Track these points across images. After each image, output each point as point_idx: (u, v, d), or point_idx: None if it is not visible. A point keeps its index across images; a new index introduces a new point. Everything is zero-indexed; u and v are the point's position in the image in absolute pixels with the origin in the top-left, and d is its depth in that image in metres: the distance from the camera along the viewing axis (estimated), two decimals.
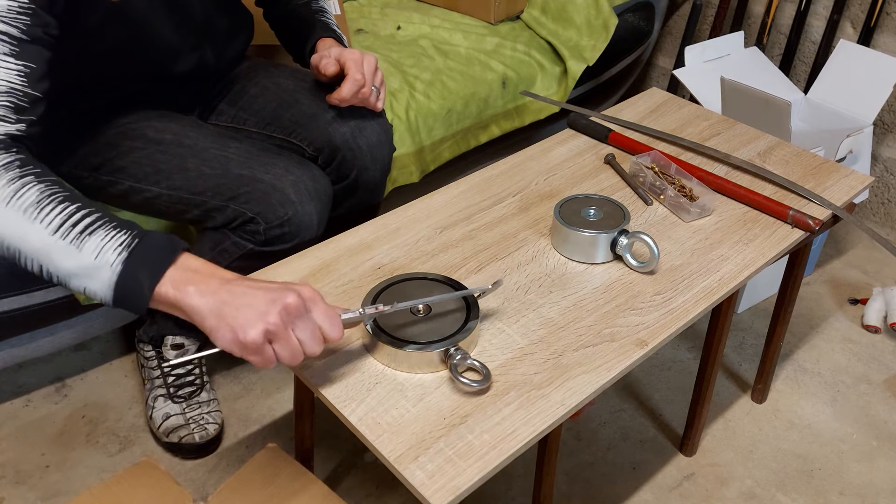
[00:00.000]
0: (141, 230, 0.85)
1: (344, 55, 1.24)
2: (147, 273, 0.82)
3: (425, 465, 0.79)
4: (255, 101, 1.37)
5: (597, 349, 0.93)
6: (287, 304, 0.79)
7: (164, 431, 1.40)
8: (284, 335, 0.79)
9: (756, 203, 1.17)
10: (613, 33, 1.97)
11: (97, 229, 0.83)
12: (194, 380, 1.44)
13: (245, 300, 0.79)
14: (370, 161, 1.34)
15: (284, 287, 0.81)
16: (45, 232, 0.83)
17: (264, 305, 0.79)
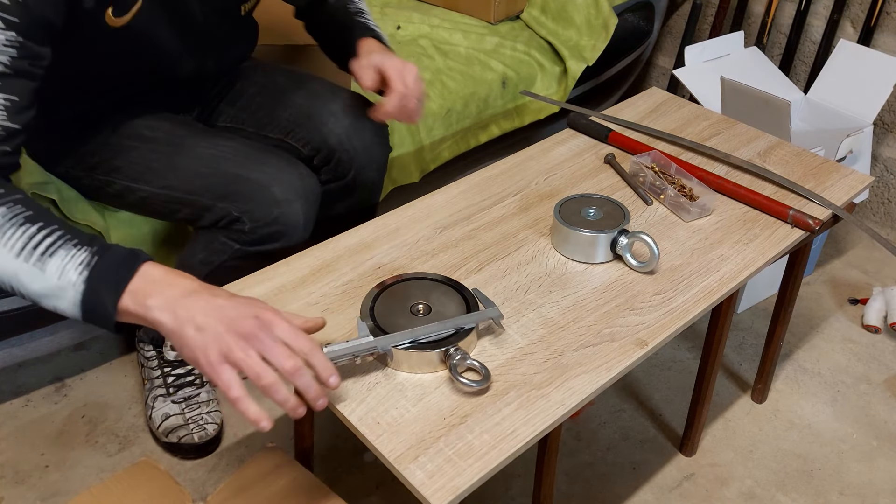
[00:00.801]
0: (102, 245, 0.85)
1: (385, 64, 1.19)
2: (108, 289, 0.82)
3: (425, 464, 0.79)
4: (253, 101, 1.37)
5: (597, 349, 0.93)
6: (242, 328, 0.78)
7: (164, 431, 1.40)
8: (243, 356, 0.77)
9: (756, 203, 1.17)
10: (613, 33, 1.97)
11: (58, 249, 0.83)
12: (193, 380, 1.44)
13: (202, 320, 0.79)
14: (366, 161, 1.33)
15: (243, 307, 0.80)
16: (10, 256, 0.83)
17: (219, 326, 0.78)
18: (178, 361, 1.44)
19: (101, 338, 1.64)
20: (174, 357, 1.43)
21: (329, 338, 0.93)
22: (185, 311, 0.79)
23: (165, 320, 0.80)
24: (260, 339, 0.78)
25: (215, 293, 0.82)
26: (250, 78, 1.40)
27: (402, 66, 1.18)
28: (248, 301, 0.81)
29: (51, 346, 1.43)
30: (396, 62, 1.19)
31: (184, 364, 1.44)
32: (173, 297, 0.80)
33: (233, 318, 0.78)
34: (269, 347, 0.78)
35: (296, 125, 1.33)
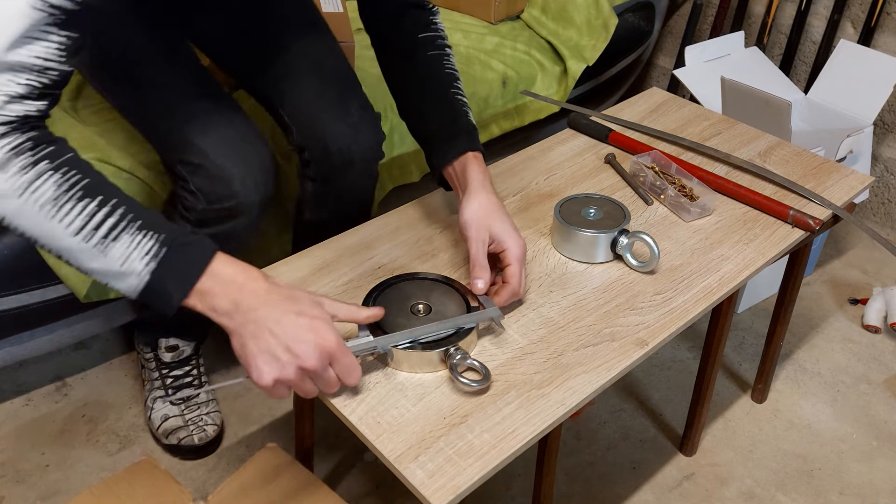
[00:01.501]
0: (169, 232, 0.80)
1: (506, 242, 0.98)
2: (175, 285, 0.79)
3: (425, 464, 0.79)
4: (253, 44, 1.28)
5: (597, 349, 0.93)
6: (306, 363, 0.79)
7: (164, 433, 1.40)
8: (299, 383, 0.81)
9: (756, 203, 1.17)
10: (613, 33, 1.97)
11: (122, 234, 0.78)
12: (192, 381, 1.44)
13: (266, 342, 0.79)
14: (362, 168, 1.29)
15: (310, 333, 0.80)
16: (66, 233, 0.77)
17: (284, 356, 0.79)
18: (175, 363, 1.44)
19: (102, 337, 1.64)
20: (170, 359, 1.43)
21: None
22: (253, 325, 0.79)
23: (231, 328, 0.80)
24: (318, 376, 0.81)
25: (285, 308, 0.80)
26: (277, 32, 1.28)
27: (522, 251, 0.99)
28: (315, 325, 0.80)
29: (51, 345, 1.43)
30: (517, 243, 0.99)
31: (181, 365, 1.44)
32: (242, 306, 0.79)
33: (300, 353, 0.79)
34: (325, 383, 0.82)
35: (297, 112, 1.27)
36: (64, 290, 1.37)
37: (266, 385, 0.79)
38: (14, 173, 0.74)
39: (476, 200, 1.00)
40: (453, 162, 1.05)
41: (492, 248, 0.99)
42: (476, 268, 0.97)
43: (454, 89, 1.10)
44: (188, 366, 1.44)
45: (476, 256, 0.98)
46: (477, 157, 1.05)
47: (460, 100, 1.10)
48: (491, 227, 0.99)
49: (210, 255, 0.80)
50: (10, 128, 0.74)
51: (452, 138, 1.06)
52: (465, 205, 1.00)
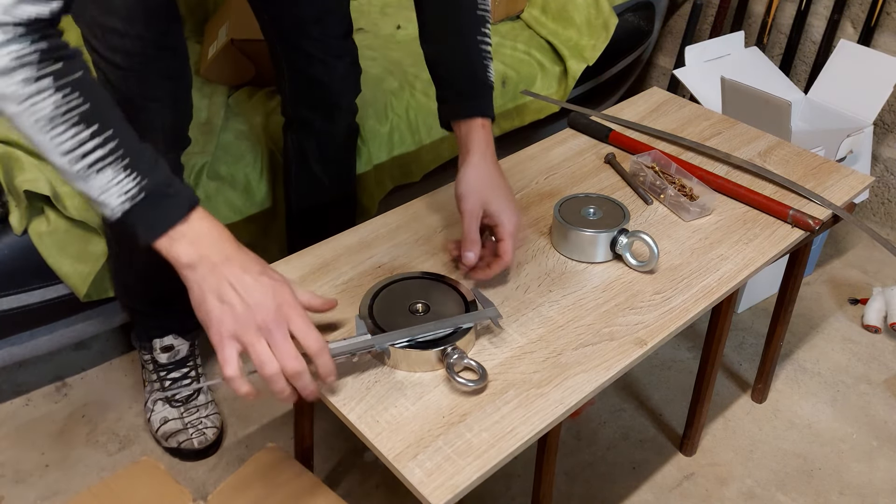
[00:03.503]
0: (153, 178, 0.79)
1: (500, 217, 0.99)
2: (144, 230, 0.80)
3: (424, 463, 0.79)
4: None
5: (596, 348, 0.93)
6: (260, 317, 0.79)
7: (163, 436, 1.40)
8: (253, 342, 0.80)
9: (756, 203, 1.17)
10: (613, 33, 1.97)
11: (106, 168, 0.77)
12: (190, 383, 1.44)
13: (225, 294, 0.80)
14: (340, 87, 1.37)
15: (269, 293, 0.81)
16: (55, 151, 0.77)
17: (241, 308, 0.79)
18: (172, 364, 1.43)
19: (101, 337, 1.64)
20: (167, 360, 1.43)
21: (328, 336, 0.93)
22: (214, 278, 0.80)
23: (192, 280, 0.81)
24: (273, 334, 0.80)
25: (247, 267, 0.82)
26: None
27: (515, 224, 1.00)
28: (276, 286, 0.82)
29: (51, 345, 1.43)
30: (512, 217, 1.00)
31: (179, 367, 1.43)
32: (206, 260, 0.80)
33: (255, 304, 0.79)
34: (279, 344, 0.80)
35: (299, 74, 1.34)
36: (64, 290, 1.37)
37: (220, 340, 0.79)
38: (17, 81, 0.74)
39: (474, 171, 1.01)
40: (460, 122, 1.04)
41: (486, 221, 1.00)
42: (466, 241, 0.99)
43: (481, 35, 1.07)
44: (185, 367, 1.44)
45: (468, 231, 0.99)
46: (485, 124, 1.04)
47: (483, 49, 1.07)
48: (486, 201, 1.00)
49: (186, 211, 0.81)
50: (18, 33, 0.72)
51: (464, 98, 1.05)
52: (463, 175, 1.01)
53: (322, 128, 1.40)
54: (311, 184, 1.46)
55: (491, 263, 1.00)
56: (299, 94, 1.37)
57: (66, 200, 1.32)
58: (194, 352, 1.47)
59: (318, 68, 1.32)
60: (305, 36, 1.29)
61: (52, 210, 1.33)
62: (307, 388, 0.82)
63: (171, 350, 1.43)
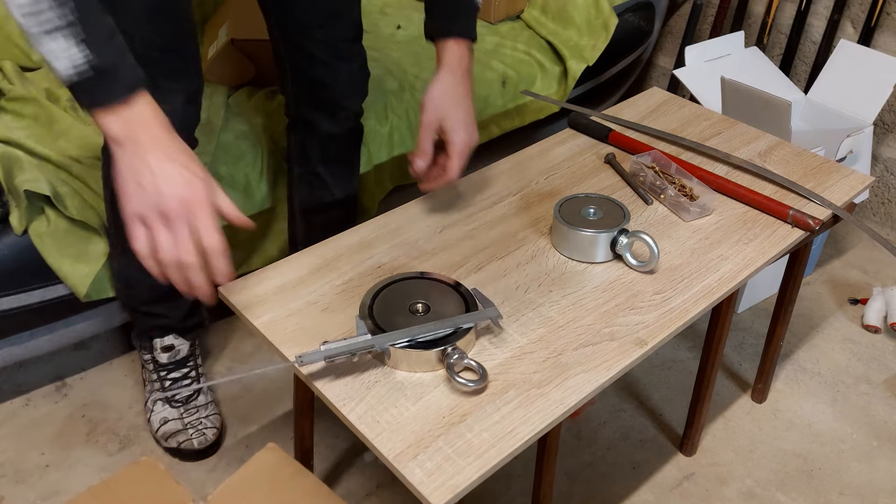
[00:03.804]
0: (103, 54, 0.81)
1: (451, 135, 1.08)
2: (86, 99, 0.82)
3: (424, 463, 0.79)
4: None
5: (596, 348, 0.93)
6: (166, 206, 0.83)
7: (163, 436, 1.40)
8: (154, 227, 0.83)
9: (756, 203, 1.17)
10: (613, 33, 1.97)
11: (59, 36, 0.79)
12: (190, 383, 1.43)
13: (142, 175, 0.83)
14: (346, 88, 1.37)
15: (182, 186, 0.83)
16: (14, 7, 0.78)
17: (150, 190, 0.83)
18: (172, 364, 1.43)
19: (101, 337, 1.64)
20: (167, 360, 1.43)
21: (328, 336, 0.93)
22: (138, 160, 0.83)
23: (118, 155, 0.84)
24: (173, 224, 0.84)
25: (174, 156, 0.84)
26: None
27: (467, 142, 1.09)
28: (194, 181, 0.84)
29: (51, 345, 1.43)
30: (461, 139, 1.08)
31: (179, 367, 1.43)
32: (134, 141, 0.83)
33: (166, 192, 0.83)
34: (178, 235, 0.84)
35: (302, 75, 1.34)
36: (64, 290, 1.37)
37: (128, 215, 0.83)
38: None
39: (438, 86, 1.08)
40: (436, 40, 1.11)
41: (441, 136, 1.07)
42: (417, 151, 1.08)
43: None
44: (185, 367, 1.44)
45: (420, 141, 1.08)
46: (459, 43, 1.10)
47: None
48: (443, 115, 1.07)
49: (127, 93, 0.83)
50: None
51: (446, 17, 1.11)
52: (428, 88, 1.08)
53: (325, 129, 1.40)
54: (313, 184, 1.46)
55: (436, 177, 1.09)
56: (302, 95, 1.37)
57: (66, 200, 1.32)
58: (195, 352, 1.47)
59: (321, 70, 1.32)
60: (311, 38, 1.30)
61: (52, 210, 1.33)
62: (198, 285, 0.86)
63: (172, 350, 1.43)
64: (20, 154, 1.36)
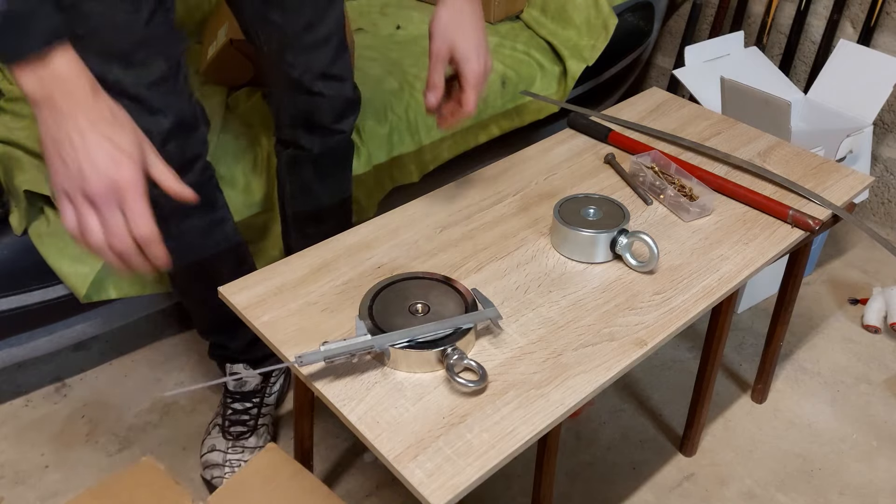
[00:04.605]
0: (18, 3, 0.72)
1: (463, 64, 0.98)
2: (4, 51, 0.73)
3: (424, 463, 0.79)
4: None
5: (596, 348, 0.93)
6: (92, 189, 0.75)
7: (203, 463, 1.36)
8: (80, 210, 0.77)
9: (756, 203, 1.17)
10: (613, 33, 1.97)
11: None
12: (248, 420, 1.39)
13: (66, 152, 0.75)
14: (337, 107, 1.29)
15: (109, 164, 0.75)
16: None
17: (73, 172, 0.75)
18: (237, 394, 1.39)
19: (101, 337, 1.64)
20: (233, 388, 1.38)
21: (328, 337, 0.93)
22: (56, 127, 0.75)
23: (39, 118, 0.75)
24: (100, 209, 0.76)
25: (96, 123, 0.76)
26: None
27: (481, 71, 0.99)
28: (120, 158, 0.76)
29: (50, 346, 1.43)
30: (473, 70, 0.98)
31: (243, 400, 1.39)
32: (52, 103, 0.74)
33: (88, 174, 0.75)
34: (107, 223, 0.77)
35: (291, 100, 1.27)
36: (64, 290, 1.37)
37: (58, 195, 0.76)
38: None
39: (445, 11, 0.97)
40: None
41: (452, 66, 0.98)
42: (428, 84, 0.98)
43: None
44: (249, 402, 1.39)
45: (430, 73, 0.98)
46: None
47: None
48: (453, 43, 0.96)
49: (41, 44, 0.73)
50: None
51: None
52: (435, 13, 0.98)
53: (317, 150, 1.34)
54: (305, 196, 1.41)
55: (454, 112, 0.99)
56: (291, 118, 1.31)
57: None
58: (266, 389, 1.41)
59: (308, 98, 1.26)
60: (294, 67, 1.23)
61: (52, 210, 1.33)
62: (138, 265, 0.79)
63: (239, 380, 1.35)
64: (20, 154, 1.36)
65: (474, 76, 0.98)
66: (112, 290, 1.40)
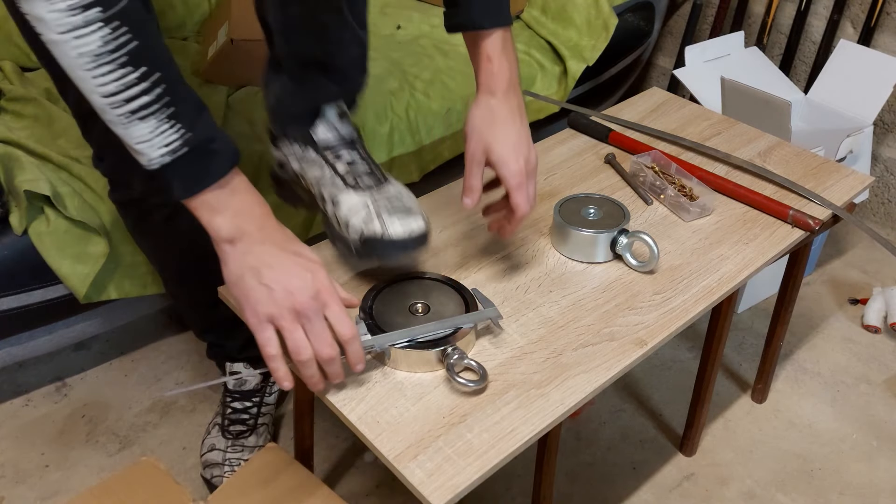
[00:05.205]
0: (197, 132, 0.74)
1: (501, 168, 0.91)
2: (181, 187, 0.75)
3: (424, 463, 0.79)
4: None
5: (596, 348, 0.93)
6: (299, 304, 0.78)
7: (203, 463, 1.37)
8: (290, 328, 0.79)
9: (756, 203, 1.17)
10: (613, 33, 1.97)
11: (150, 116, 0.71)
12: (248, 419, 1.39)
13: (266, 275, 0.78)
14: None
15: (307, 278, 0.79)
16: (96, 91, 0.69)
17: (279, 291, 0.78)
18: (237, 393, 1.39)
19: (101, 337, 1.64)
20: (232, 387, 1.39)
21: None
22: (253, 257, 0.78)
23: (229, 253, 0.79)
24: (310, 321, 0.79)
25: (286, 245, 0.80)
26: None
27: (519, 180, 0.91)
28: (314, 268, 0.80)
29: (51, 346, 1.43)
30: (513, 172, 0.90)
31: (242, 399, 1.39)
32: (245, 236, 0.78)
33: (294, 290, 0.78)
34: (316, 332, 0.80)
35: None
36: (64, 290, 1.37)
37: (258, 321, 0.79)
38: (61, 9, 0.65)
39: (478, 109, 0.92)
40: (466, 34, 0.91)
41: (491, 168, 0.92)
42: (465, 187, 0.93)
43: None
44: (249, 402, 1.39)
45: (466, 176, 0.92)
46: (492, 39, 0.89)
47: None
48: (488, 146, 0.90)
49: (226, 170, 0.77)
50: None
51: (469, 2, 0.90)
52: (470, 110, 0.92)
53: None
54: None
55: (510, 220, 0.93)
56: None
57: (66, 200, 1.32)
58: (265, 389, 1.42)
59: None
60: None
61: (52, 210, 1.33)
62: (338, 375, 0.83)
63: (238, 378, 1.34)
64: (20, 154, 1.36)
65: (514, 178, 0.90)
66: (112, 290, 1.40)
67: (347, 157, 0.99)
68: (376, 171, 0.99)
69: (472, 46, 0.93)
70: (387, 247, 0.92)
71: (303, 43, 0.95)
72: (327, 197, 0.99)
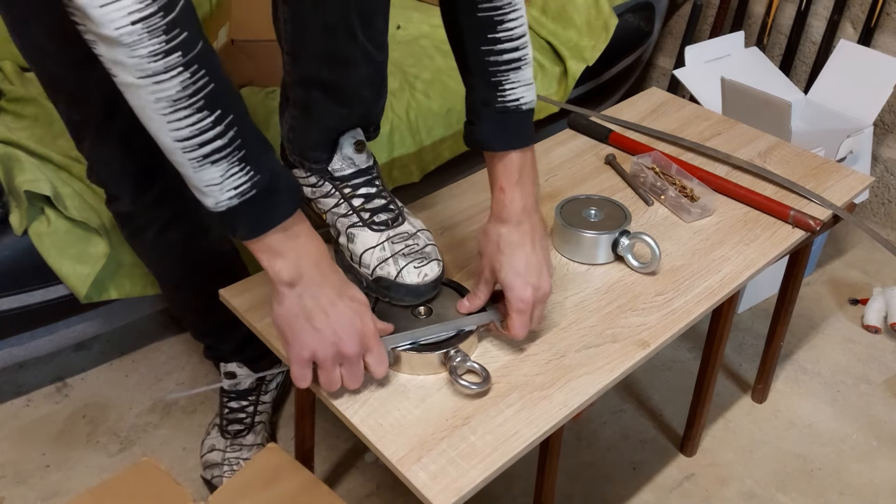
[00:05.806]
0: (265, 174, 0.73)
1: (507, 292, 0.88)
2: (245, 229, 0.76)
3: (428, 466, 0.79)
4: None
5: (599, 350, 0.93)
6: (346, 349, 0.82)
7: (204, 464, 1.37)
8: (330, 369, 0.83)
9: (757, 203, 1.17)
10: (613, 33, 1.97)
11: (222, 160, 0.70)
12: (245, 418, 1.39)
13: (318, 319, 0.81)
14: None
15: (356, 323, 0.82)
16: (170, 134, 0.69)
17: (330, 336, 0.81)
18: (233, 393, 1.39)
19: (102, 337, 1.64)
20: (228, 387, 1.39)
21: None
22: (310, 299, 0.80)
23: (286, 295, 0.80)
24: (351, 365, 0.84)
25: (340, 290, 0.82)
26: None
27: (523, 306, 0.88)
28: (361, 310, 0.83)
29: (51, 346, 1.43)
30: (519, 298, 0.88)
31: (239, 399, 1.39)
32: (304, 279, 0.79)
33: (343, 337, 0.81)
34: (352, 371, 0.84)
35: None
36: (64, 290, 1.37)
37: (301, 359, 0.82)
38: (142, 56, 0.64)
39: (488, 235, 0.91)
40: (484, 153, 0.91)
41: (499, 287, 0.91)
42: (468, 296, 0.94)
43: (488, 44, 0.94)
44: (245, 401, 1.40)
45: (473, 291, 0.94)
46: (508, 161, 0.88)
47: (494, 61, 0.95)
48: (495, 267, 0.89)
49: (289, 212, 0.77)
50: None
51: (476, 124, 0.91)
52: (483, 231, 0.92)
53: None
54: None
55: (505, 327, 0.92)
56: None
57: (66, 201, 1.32)
58: (261, 388, 1.42)
59: None
60: None
61: (52, 210, 1.32)
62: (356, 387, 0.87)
63: (233, 378, 1.37)
64: (20, 154, 1.36)
65: (517, 304, 0.87)
66: (113, 291, 1.40)
67: (363, 191, 0.99)
68: (392, 205, 1.00)
69: (488, 164, 0.92)
70: (399, 289, 0.94)
71: (310, 65, 0.94)
72: (342, 230, 1.00)
